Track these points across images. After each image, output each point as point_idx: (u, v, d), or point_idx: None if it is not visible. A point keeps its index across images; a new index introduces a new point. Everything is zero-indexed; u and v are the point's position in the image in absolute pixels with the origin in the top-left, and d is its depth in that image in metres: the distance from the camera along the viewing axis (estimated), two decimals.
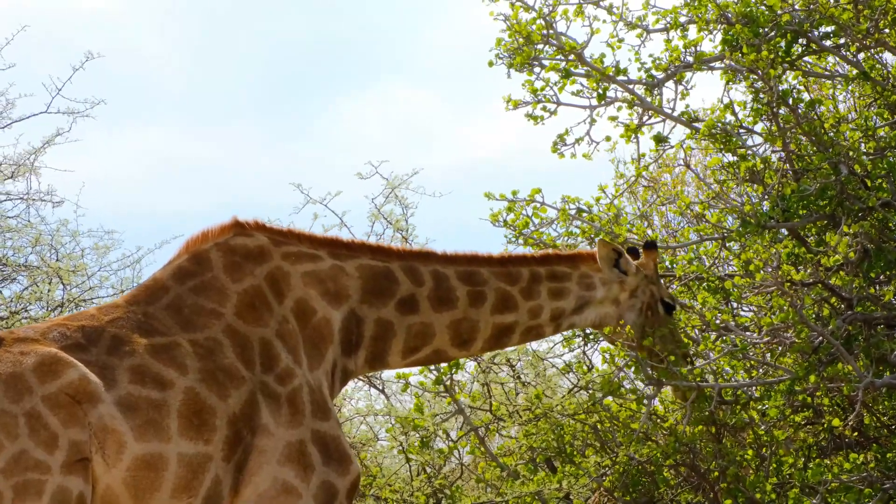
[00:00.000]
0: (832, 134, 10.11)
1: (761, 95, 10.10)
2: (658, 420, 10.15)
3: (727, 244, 10.20)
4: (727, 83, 10.41)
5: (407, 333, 8.13)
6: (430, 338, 8.21)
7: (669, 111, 10.65)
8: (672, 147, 10.91)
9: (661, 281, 8.91)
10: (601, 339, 10.59)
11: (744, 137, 10.32)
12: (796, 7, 10.19)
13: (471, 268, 8.33)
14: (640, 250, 8.84)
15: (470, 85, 32.90)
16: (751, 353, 9.84)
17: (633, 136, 10.73)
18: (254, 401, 7.24)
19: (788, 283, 9.43)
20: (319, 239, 8.02)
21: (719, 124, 10.21)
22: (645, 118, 10.75)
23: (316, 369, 7.62)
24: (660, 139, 10.73)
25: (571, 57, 10.56)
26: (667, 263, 10.23)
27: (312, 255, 7.91)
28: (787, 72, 10.35)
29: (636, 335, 8.73)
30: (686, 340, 9.49)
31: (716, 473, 9.90)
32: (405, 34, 33.78)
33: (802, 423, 10.40)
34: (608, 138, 10.85)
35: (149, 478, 6.84)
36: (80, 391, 6.74)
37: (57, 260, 13.94)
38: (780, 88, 10.02)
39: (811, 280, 9.65)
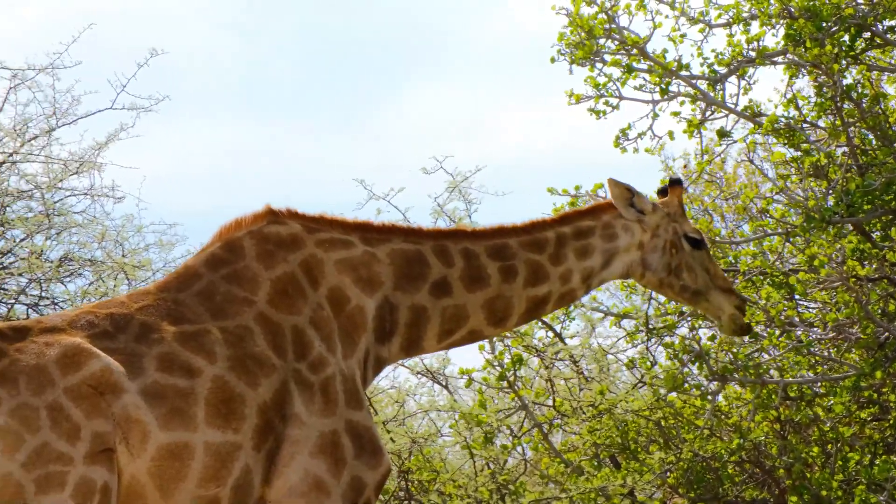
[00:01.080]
0: None
1: (825, 90, 10.04)
2: (722, 416, 10.13)
3: (791, 239, 10.15)
4: (790, 78, 10.36)
5: (441, 317, 8.05)
6: (465, 319, 8.13)
7: (732, 106, 10.60)
8: (735, 141, 10.86)
9: (686, 217, 8.73)
10: (664, 334, 10.58)
11: (807, 132, 10.27)
12: (860, 1, 10.12)
13: (499, 240, 8.20)
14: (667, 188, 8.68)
15: (529, 79, 32.84)
16: (816, 349, 9.80)
17: (696, 131, 10.69)
18: (286, 389, 7.21)
19: (853, 279, 9.38)
20: (351, 224, 7.96)
21: (782, 119, 10.16)
22: (708, 113, 10.70)
23: (349, 358, 7.58)
24: (723, 133, 10.69)
25: (633, 51, 10.54)
26: (730, 258, 10.20)
27: (345, 241, 7.86)
28: (851, 66, 10.28)
29: (663, 274, 8.53)
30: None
31: (781, 471, 9.87)
32: (465, 29, 33.80)
33: (868, 419, 10.35)
34: (671, 133, 10.82)
35: (174, 467, 6.80)
36: (102, 382, 6.72)
37: (122, 255, 14.04)
38: (844, 83, 9.96)
39: (876, 275, 9.60)
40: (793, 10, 10.12)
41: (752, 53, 10.47)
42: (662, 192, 8.65)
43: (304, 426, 7.20)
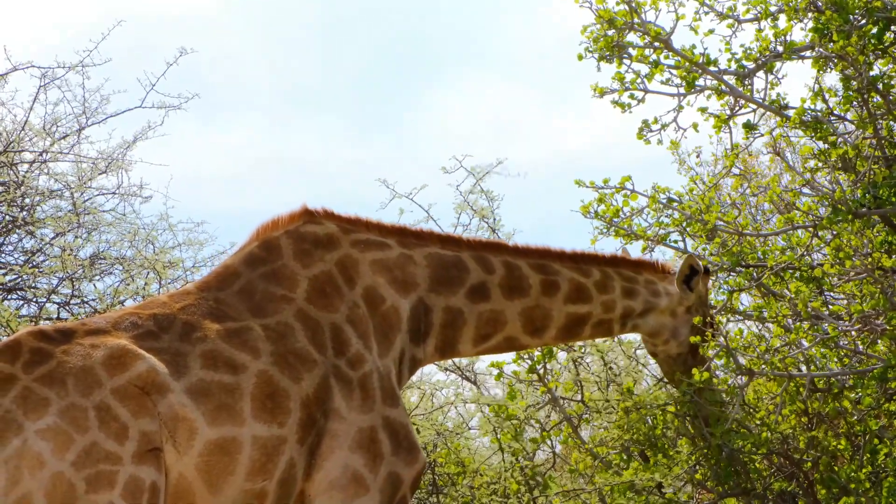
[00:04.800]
0: None
1: (852, 82, 10.03)
2: (751, 410, 10.12)
3: (819, 233, 10.14)
4: (818, 71, 10.34)
5: (478, 321, 8.20)
6: (502, 325, 8.29)
7: (760, 100, 10.58)
8: (761, 135, 10.83)
9: (709, 306, 9.33)
10: None
11: (835, 125, 10.25)
12: None
13: (542, 260, 8.45)
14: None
15: (558, 78, 32.85)
16: (844, 342, 9.79)
17: (725, 126, 10.68)
18: (327, 384, 7.30)
19: (879, 271, 9.38)
20: (388, 227, 8.10)
21: (810, 112, 10.16)
22: (736, 108, 10.69)
23: (385, 357, 7.68)
24: (750, 126, 10.67)
25: (657, 45, 10.52)
26: (759, 254, 10.20)
27: (381, 243, 7.99)
28: (878, 59, 10.26)
29: (685, 349, 9.01)
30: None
31: (809, 464, 9.86)
32: (493, 26, 33.80)
33: None
34: (695, 125, 10.80)
35: (223, 462, 6.93)
36: (148, 382, 6.82)
37: (154, 253, 14.12)
38: (870, 74, 9.95)
39: None
40: (820, 3, 10.11)
41: (780, 48, 10.45)
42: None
43: (343, 421, 7.31)
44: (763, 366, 9.20)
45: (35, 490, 6.43)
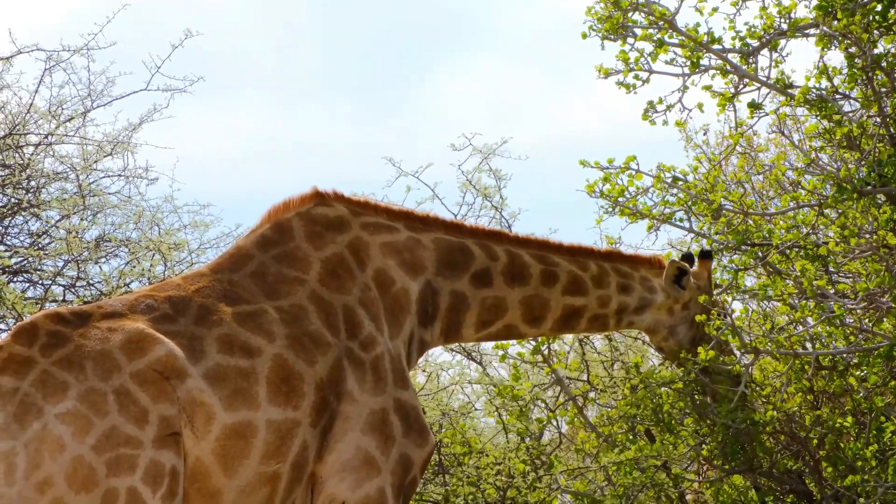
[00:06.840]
0: None
1: (856, 60, 10.01)
2: (756, 387, 10.12)
3: (824, 211, 10.12)
4: (822, 49, 10.31)
5: (481, 306, 8.27)
6: (503, 312, 8.37)
7: (764, 79, 10.55)
8: (766, 114, 10.81)
9: (712, 291, 9.37)
10: None
11: (839, 103, 10.23)
12: None
13: (542, 251, 8.53)
14: (696, 259, 9.27)
15: (562, 59, 32.79)
16: (849, 320, 9.78)
17: (729, 104, 10.65)
18: (340, 367, 7.32)
19: (885, 249, 9.37)
20: (395, 211, 8.16)
21: (814, 90, 10.13)
22: (740, 87, 10.66)
23: (396, 338, 7.73)
24: (754, 106, 10.64)
25: (661, 24, 10.49)
26: (764, 233, 10.19)
27: (389, 226, 8.03)
28: (883, 37, 10.23)
29: (687, 346, 9.10)
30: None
31: (815, 441, 9.87)
32: (495, 7, 33.72)
33: None
34: (700, 105, 10.78)
35: (238, 446, 6.93)
36: (167, 367, 6.82)
37: (159, 235, 14.12)
38: (875, 52, 9.92)
39: None
40: None
41: (784, 26, 10.42)
42: (689, 259, 9.32)
43: (356, 403, 7.33)
44: (769, 344, 9.21)
45: (56, 473, 6.43)
